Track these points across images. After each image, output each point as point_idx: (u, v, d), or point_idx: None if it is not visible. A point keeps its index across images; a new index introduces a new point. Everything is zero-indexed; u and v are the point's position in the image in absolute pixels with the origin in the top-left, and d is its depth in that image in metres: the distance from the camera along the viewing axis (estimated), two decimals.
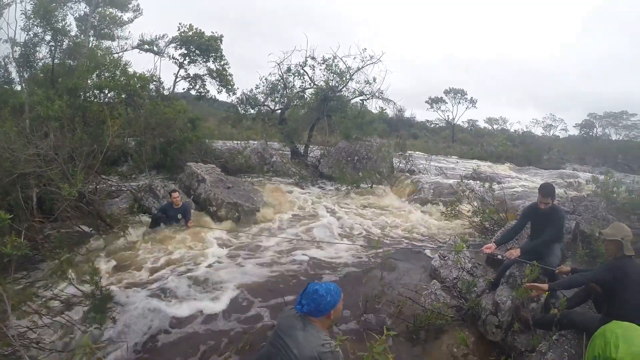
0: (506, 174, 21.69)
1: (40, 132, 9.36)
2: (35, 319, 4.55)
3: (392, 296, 5.93)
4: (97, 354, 2.69)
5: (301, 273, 7.13)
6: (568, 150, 42.63)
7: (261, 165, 17.63)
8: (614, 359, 3.29)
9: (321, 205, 12.81)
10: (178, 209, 9.01)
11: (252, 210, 10.69)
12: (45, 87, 13.43)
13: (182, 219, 8.99)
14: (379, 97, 21.48)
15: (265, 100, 23.27)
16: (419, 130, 61.28)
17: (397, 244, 9.22)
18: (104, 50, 18.61)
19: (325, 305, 3.11)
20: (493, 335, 5.00)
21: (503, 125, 67.60)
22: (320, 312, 3.11)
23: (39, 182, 7.91)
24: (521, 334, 4.79)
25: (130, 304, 5.49)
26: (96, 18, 20.01)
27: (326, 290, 3.16)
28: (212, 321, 5.40)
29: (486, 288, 5.97)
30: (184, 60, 22.03)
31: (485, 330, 5.09)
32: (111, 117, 12.20)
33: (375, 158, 17.75)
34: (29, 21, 14.11)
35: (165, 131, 14.39)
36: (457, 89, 60.17)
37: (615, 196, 8.98)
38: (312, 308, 3.09)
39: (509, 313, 4.97)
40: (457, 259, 6.49)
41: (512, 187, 15.74)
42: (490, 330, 5.03)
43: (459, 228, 10.05)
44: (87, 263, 6.33)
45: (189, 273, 6.77)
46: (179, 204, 9.02)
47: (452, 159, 33.41)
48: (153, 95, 18.04)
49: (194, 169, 11.65)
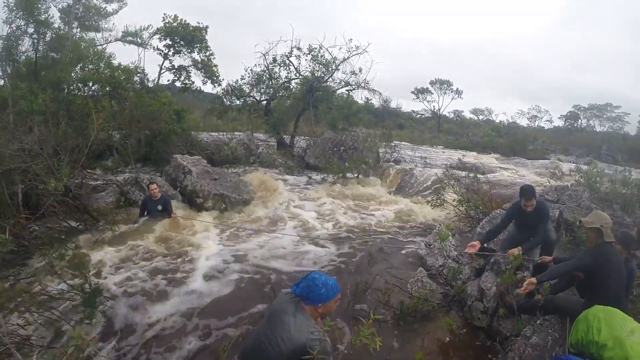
0: (492, 164, 21.93)
1: (25, 127, 9.32)
2: (25, 316, 4.57)
3: (380, 285, 6.04)
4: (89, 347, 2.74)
5: (288, 264, 7.20)
6: (553, 141, 42.97)
7: (247, 156, 17.63)
8: (597, 342, 3.43)
9: (307, 195, 12.93)
10: (157, 201, 8.93)
11: (239, 201, 10.74)
12: (28, 81, 13.25)
13: (164, 210, 8.94)
14: (364, 87, 21.67)
15: (251, 91, 23.26)
16: (405, 120, 61.23)
17: (384, 233, 9.32)
18: (88, 42, 18.37)
19: (317, 296, 3.05)
20: (479, 320, 5.14)
21: (488, 116, 68.01)
22: (309, 300, 3.06)
23: (24, 178, 7.87)
24: (506, 319, 4.93)
25: (120, 298, 5.57)
26: (80, 9, 19.73)
27: (324, 282, 3.09)
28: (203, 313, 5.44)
29: (471, 275, 6.12)
30: (169, 51, 21.77)
31: (471, 316, 5.23)
32: (96, 110, 12.14)
33: (361, 148, 17.81)
34: (11, 14, 13.91)
35: (151, 123, 14.34)
36: (442, 80, 60.28)
37: (598, 186, 9.22)
38: (303, 293, 3.06)
39: (494, 299, 5.10)
40: (442, 247, 6.62)
41: (498, 177, 15.99)
42: (476, 316, 5.17)
43: (444, 217, 10.19)
44: (75, 258, 6.38)
45: (176, 265, 6.85)
46: (157, 196, 8.94)
47: (438, 149, 33.57)
48: (137, 88, 17.88)
49: (179, 161, 11.63)
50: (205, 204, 10.37)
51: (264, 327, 3.15)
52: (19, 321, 4.49)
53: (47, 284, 5.44)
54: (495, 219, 7.91)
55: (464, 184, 10.71)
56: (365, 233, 8.93)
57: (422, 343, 4.89)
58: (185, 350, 4.67)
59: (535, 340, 4.21)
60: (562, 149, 38.30)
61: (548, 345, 4.16)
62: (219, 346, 4.66)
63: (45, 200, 7.66)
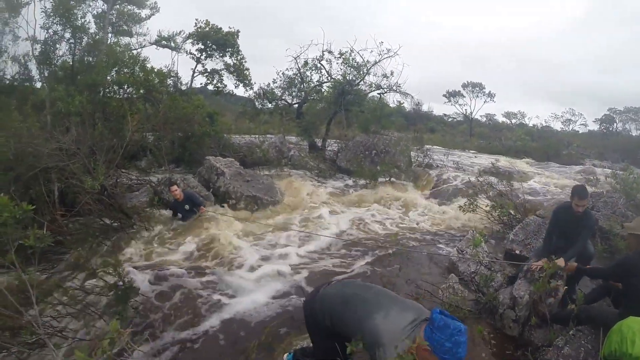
0: (525, 169, 21.40)
1: (62, 127, 9.47)
2: (59, 309, 4.64)
3: (411, 290, 5.89)
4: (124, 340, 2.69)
5: (317, 266, 7.10)
6: (587, 145, 41.73)
7: (279, 159, 17.60)
8: (630, 354, 3.28)
9: (338, 198, 12.79)
10: (183, 202, 8.85)
11: (271, 203, 10.71)
12: (65, 84, 13.56)
13: (193, 207, 8.89)
14: (396, 90, 21.40)
15: (283, 95, 23.32)
16: (436, 124, 60.65)
17: (416, 238, 9.11)
18: (123, 46, 18.75)
19: (439, 342, 2.46)
20: (510, 329, 4.99)
21: (521, 119, 66.46)
22: (432, 336, 2.49)
23: (61, 176, 8.00)
24: (538, 329, 4.78)
25: (151, 295, 5.57)
26: (114, 15, 20.18)
27: (458, 344, 2.47)
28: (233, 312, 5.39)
29: (504, 282, 5.95)
30: (201, 55, 22.10)
31: (503, 324, 5.08)
32: (130, 112, 12.31)
33: (393, 152, 17.57)
34: (49, 19, 14.26)
35: (184, 126, 14.51)
36: (475, 83, 59.45)
37: (634, 192, 8.83)
38: (438, 324, 2.50)
39: (527, 307, 4.95)
40: (475, 253, 6.43)
41: (531, 183, 15.60)
42: (508, 324, 5.02)
43: (477, 222, 9.92)
44: (109, 254, 6.40)
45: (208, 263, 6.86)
46: (180, 197, 8.82)
47: (470, 153, 32.98)
48: (171, 91, 18.13)
49: (212, 163, 11.70)
50: (238, 205, 10.40)
51: (363, 290, 3.03)
52: (53, 313, 4.56)
53: (81, 279, 5.46)
54: (528, 225, 7.71)
55: (497, 189, 10.40)
56: (396, 237, 8.76)
57: None
58: (215, 348, 4.68)
59: (567, 351, 4.07)
60: (596, 153, 37.10)
61: (580, 356, 4.03)
62: (248, 344, 4.66)
63: (81, 198, 7.74)
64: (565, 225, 5.55)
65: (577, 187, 5.47)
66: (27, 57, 15.40)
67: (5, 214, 3.38)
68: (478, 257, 6.29)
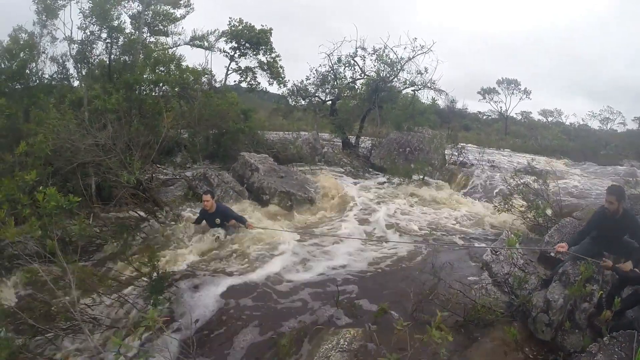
0: (561, 169, 20.74)
1: (99, 124, 9.60)
2: (94, 297, 4.71)
3: (444, 289, 5.76)
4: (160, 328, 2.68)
5: (355, 264, 7.09)
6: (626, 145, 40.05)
7: (312, 155, 17.60)
8: None
9: (373, 196, 12.61)
10: (213, 214, 7.81)
11: (304, 200, 10.65)
12: (102, 82, 13.83)
13: (223, 223, 7.91)
14: (430, 87, 21.09)
15: (316, 92, 23.35)
16: (470, 122, 59.33)
17: (449, 236, 9.00)
18: (160, 46, 19.04)
19: None
20: (543, 334, 4.82)
21: (558, 117, 64.30)
22: None
23: (98, 171, 8.20)
24: (571, 334, 4.63)
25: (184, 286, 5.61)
26: (149, 15, 20.48)
27: None
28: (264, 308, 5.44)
29: (538, 285, 5.76)
30: (235, 53, 22.33)
31: (535, 328, 4.92)
32: (166, 109, 12.45)
33: (427, 149, 17.36)
34: (86, 20, 14.54)
35: (218, 122, 14.70)
36: (510, 79, 57.73)
37: None
38: None
39: (560, 312, 4.77)
40: (509, 254, 6.22)
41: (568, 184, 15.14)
42: (540, 328, 4.85)
43: (512, 223, 9.64)
44: (144, 246, 6.44)
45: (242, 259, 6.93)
46: (212, 209, 7.77)
47: (505, 152, 32.21)
48: (205, 88, 18.31)
49: (247, 159, 11.76)
50: (272, 201, 10.42)
51: None
52: (89, 301, 4.64)
53: (117, 268, 5.51)
54: (564, 227, 7.43)
55: (533, 189, 10.08)
56: (430, 235, 8.60)
57: (481, 352, 4.62)
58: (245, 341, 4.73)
59: (600, 358, 3.88)
60: (636, 153, 35.58)
61: None
62: (279, 339, 4.67)
63: (117, 192, 7.87)
64: (604, 227, 5.37)
65: (612, 187, 5.36)
66: (65, 57, 15.67)
67: (52, 204, 3.43)
68: (512, 258, 6.12)
